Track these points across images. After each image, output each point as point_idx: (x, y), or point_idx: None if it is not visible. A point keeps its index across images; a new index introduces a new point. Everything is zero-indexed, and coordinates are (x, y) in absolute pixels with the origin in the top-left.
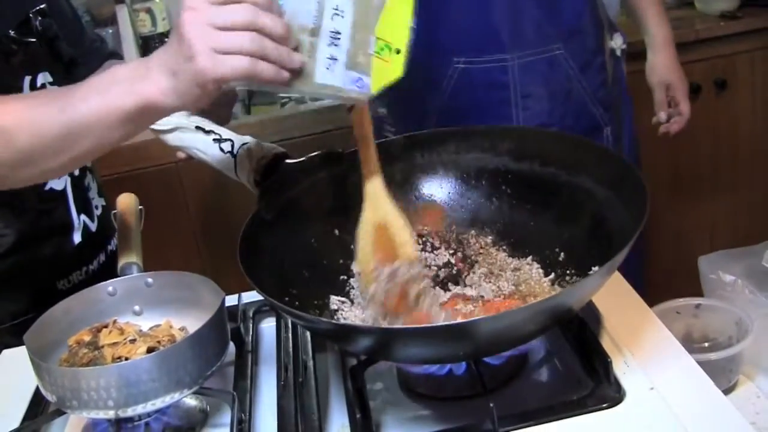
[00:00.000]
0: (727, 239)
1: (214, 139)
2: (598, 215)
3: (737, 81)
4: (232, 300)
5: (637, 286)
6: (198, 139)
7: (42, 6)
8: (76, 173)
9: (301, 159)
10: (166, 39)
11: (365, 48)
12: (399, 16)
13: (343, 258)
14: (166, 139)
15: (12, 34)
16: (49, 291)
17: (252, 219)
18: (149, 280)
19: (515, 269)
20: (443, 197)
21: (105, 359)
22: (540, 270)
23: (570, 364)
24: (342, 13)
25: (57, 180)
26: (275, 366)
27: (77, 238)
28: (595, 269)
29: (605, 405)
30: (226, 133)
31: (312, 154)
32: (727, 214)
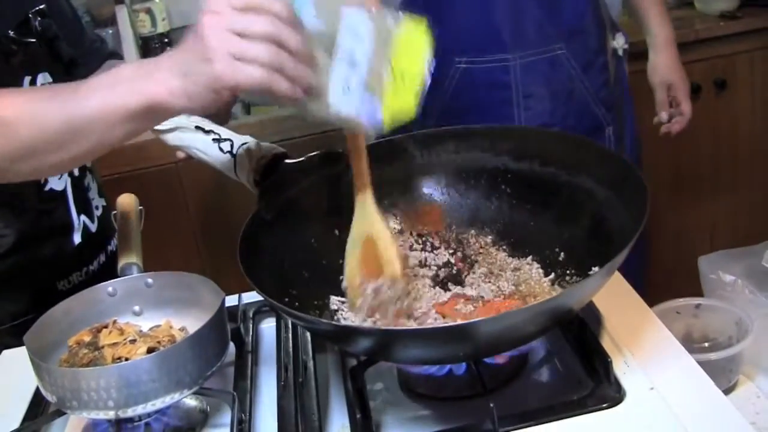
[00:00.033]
0: (727, 239)
1: (213, 139)
2: (598, 215)
3: (737, 81)
4: (232, 300)
5: (638, 286)
6: (197, 139)
7: (42, 6)
8: (75, 173)
9: (301, 159)
10: (165, 39)
11: (380, 76)
12: (414, 45)
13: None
14: (165, 139)
15: (12, 34)
16: (49, 291)
17: (252, 219)
18: (149, 280)
19: (515, 269)
20: (443, 197)
21: (105, 360)
22: (540, 270)
23: (570, 364)
24: (362, 40)
25: (57, 180)
26: (275, 366)
27: (77, 238)
28: (595, 269)
29: (605, 405)
30: (225, 133)
31: (311, 153)
32: (727, 214)
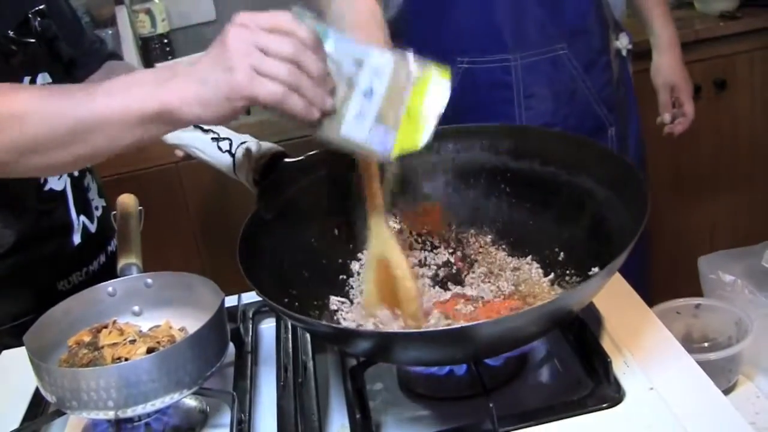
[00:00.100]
0: (727, 239)
1: (212, 138)
2: (598, 215)
3: (737, 81)
4: (231, 300)
5: (639, 286)
6: (196, 138)
7: (41, 7)
8: (75, 174)
9: (300, 158)
10: (165, 40)
11: (395, 110)
12: (434, 90)
13: (343, 257)
14: (164, 138)
15: (11, 34)
16: (49, 292)
17: (251, 219)
18: (149, 280)
19: (515, 269)
20: (443, 196)
21: (105, 360)
22: (539, 270)
23: (570, 364)
24: (380, 75)
25: (57, 180)
26: (275, 366)
27: (77, 238)
28: (595, 270)
29: (605, 405)
30: (224, 132)
31: (311, 153)
32: (727, 214)
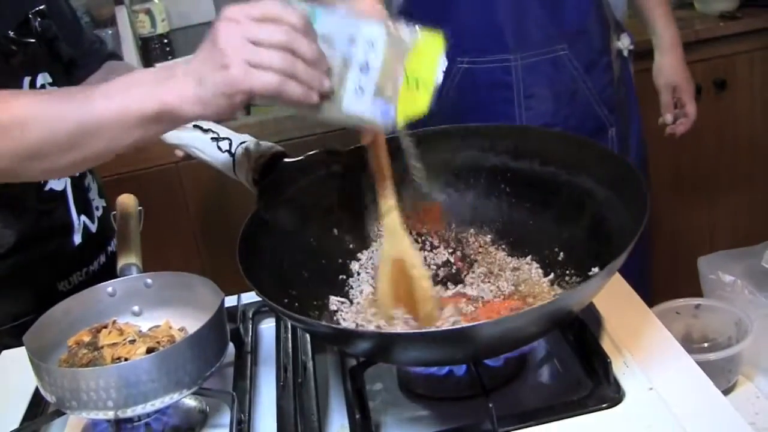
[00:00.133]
0: (727, 239)
1: (212, 138)
2: (598, 215)
3: (737, 81)
4: (231, 300)
5: (638, 286)
6: (196, 138)
7: (41, 7)
8: (76, 174)
9: (300, 158)
10: (165, 40)
11: (394, 81)
12: (429, 55)
13: (342, 258)
14: (164, 138)
15: (11, 34)
16: (50, 292)
17: (251, 219)
18: (149, 280)
19: (514, 269)
20: (442, 196)
21: (104, 360)
22: (539, 270)
23: (569, 364)
24: (374, 47)
25: (57, 181)
26: (274, 366)
27: (77, 238)
28: (595, 270)
29: (605, 405)
30: (224, 132)
31: (310, 152)
32: (727, 214)
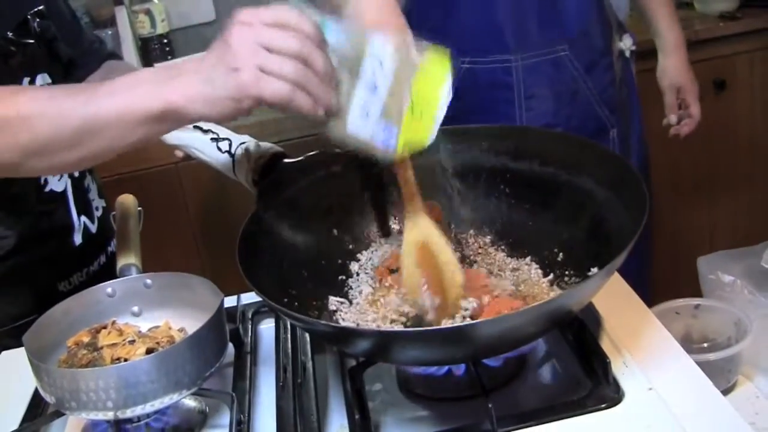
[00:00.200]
0: (727, 239)
1: (212, 139)
2: (597, 216)
3: (736, 81)
4: (231, 301)
5: (638, 286)
6: (196, 138)
7: (40, 7)
8: (76, 174)
9: (300, 158)
10: (165, 41)
11: (399, 105)
12: (435, 77)
13: (342, 258)
14: (163, 138)
15: (10, 35)
16: (50, 293)
17: (250, 219)
18: (148, 281)
19: (514, 269)
20: (442, 196)
21: (104, 360)
22: (539, 270)
23: (569, 364)
24: (383, 66)
25: (57, 181)
26: (274, 367)
27: (78, 239)
28: (594, 270)
29: (604, 405)
30: (224, 132)
31: (310, 153)
32: (727, 214)
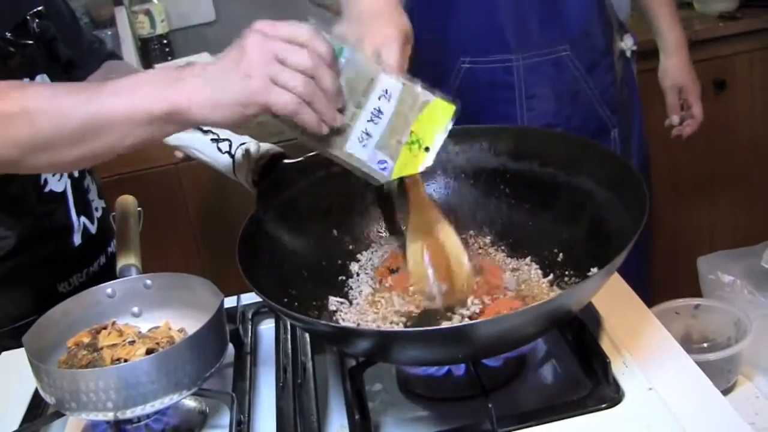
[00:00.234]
0: (727, 239)
1: (212, 139)
2: (597, 216)
3: (736, 81)
4: (231, 301)
5: (638, 286)
6: (196, 139)
7: (39, 8)
8: (75, 175)
9: (299, 159)
10: (164, 41)
11: (399, 136)
12: (438, 120)
13: (342, 258)
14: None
15: (9, 36)
16: (50, 293)
17: (250, 219)
18: (148, 281)
19: (514, 269)
20: (442, 196)
21: (104, 361)
22: (539, 270)
23: (569, 364)
24: (389, 98)
25: (57, 182)
26: (274, 367)
27: (77, 240)
28: (594, 270)
29: (604, 405)
30: (224, 133)
31: (310, 153)
32: (727, 214)
